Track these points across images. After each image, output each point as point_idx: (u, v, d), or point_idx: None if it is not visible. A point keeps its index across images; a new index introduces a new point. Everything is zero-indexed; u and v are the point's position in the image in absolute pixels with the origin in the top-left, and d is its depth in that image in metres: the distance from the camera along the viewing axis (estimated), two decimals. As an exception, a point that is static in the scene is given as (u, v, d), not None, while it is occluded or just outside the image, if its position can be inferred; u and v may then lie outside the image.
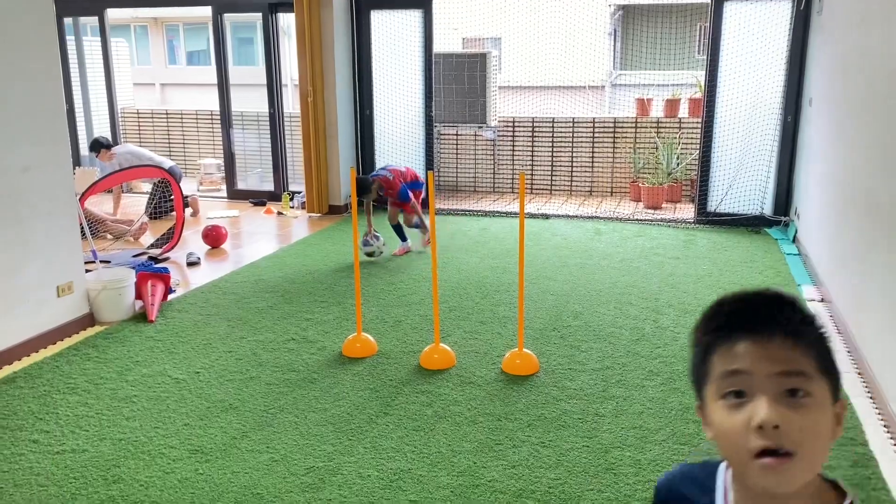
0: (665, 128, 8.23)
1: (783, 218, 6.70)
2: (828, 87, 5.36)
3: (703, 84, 7.00)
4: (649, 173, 8.08)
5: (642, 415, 3.24)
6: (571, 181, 8.59)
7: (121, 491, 2.69)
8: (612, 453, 2.93)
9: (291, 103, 10.85)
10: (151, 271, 4.73)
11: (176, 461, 2.89)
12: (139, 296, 4.60)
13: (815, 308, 4.60)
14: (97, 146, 7.45)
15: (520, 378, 3.62)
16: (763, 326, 0.91)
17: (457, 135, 8.76)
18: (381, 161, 7.76)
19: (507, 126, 8.68)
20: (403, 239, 6.03)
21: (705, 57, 6.78)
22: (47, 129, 4.06)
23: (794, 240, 6.20)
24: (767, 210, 6.79)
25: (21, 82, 3.86)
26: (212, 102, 9.14)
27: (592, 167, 8.50)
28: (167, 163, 7.48)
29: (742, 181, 6.82)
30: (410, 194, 5.79)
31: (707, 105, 6.78)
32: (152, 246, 6.12)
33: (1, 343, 3.80)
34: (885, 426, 3.13)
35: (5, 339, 3.83)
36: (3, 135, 3.78)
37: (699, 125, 7.19)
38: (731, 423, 0.91)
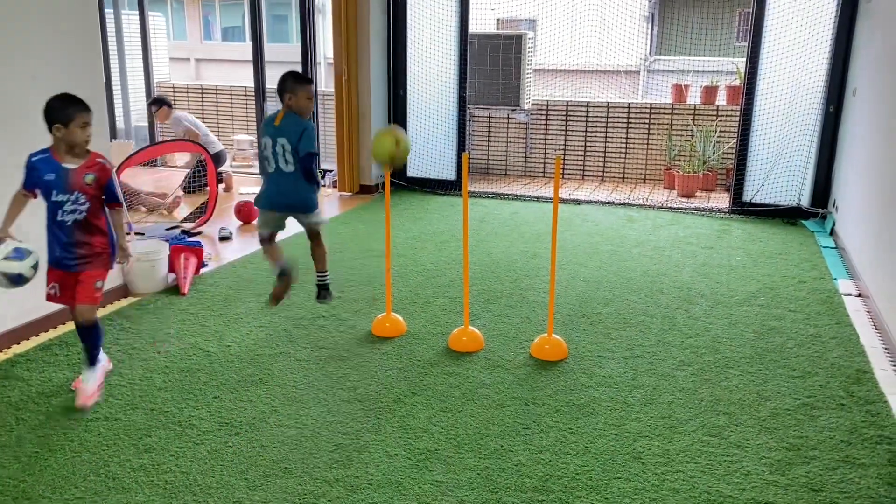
0: (702, 115, 8.09)
1: (821, 210, 6.57)
2: (874, 77, 5.21)
3: (743, 71, 6.85)
4: (684, 161, 7.96)
5: (671, 405, 3.21)
6: (604, 167, 8.50)
7: (151, 460, 2.73)
8: (639, 442, 2.91)
9: (325, 82, 10.85)
10: (185, 245, 4.78)
11: (206, 433, 2.92)
12: (172, 269, 4.65)
13: (851, 303, 4.51)
14: (160, 102, 7.53)
15: (548, 363, 3.60)
16: None
17: (489, 117, 8.70)
18: (413, 141, 7.74)
19: (541, 109, 8.59)
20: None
21: (746, 44, 6.63)
22: (86, 100, 4.08)
23: (832, 233, 6.07)
24: (805, 202, 6.66)
25: (61, 54, 3.89)
26: (246, 79, 9.18)
27: (626, 153, 8.39)
28: (218, 146, 7.55)
29: (780, 171, 6.69)
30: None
31: (746, 93, 6.65)
32: (186, 220, 6.18)
33: (37, 311, 3.87)
34: (921, 425, 3.07)
35: (42, 307, 3.90)
36: (43, 105, 3.82)
37: (737, 113, 7.05)
38: None
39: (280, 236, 4.07)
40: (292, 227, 4.04)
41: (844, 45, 6.23)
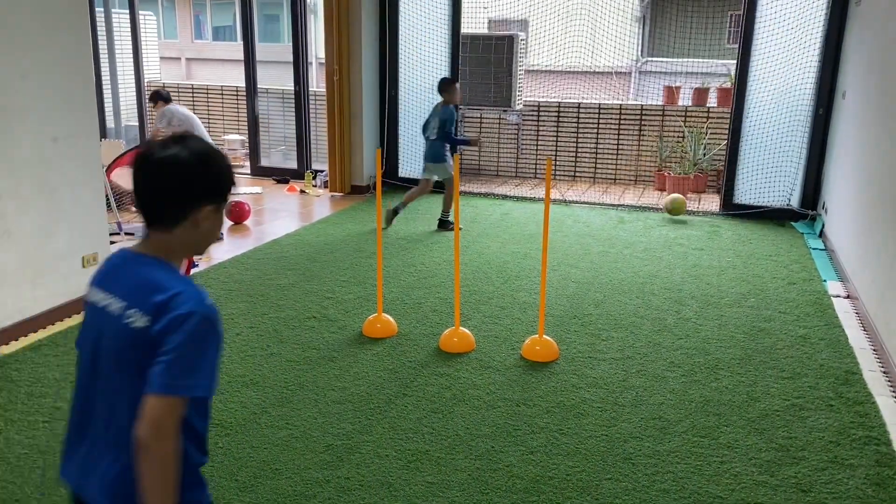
0: (693, 117, 8.13)
1: (810, 212, 6.61)
2: (863, 80, 5.25)
3: (733, 74, 6.89)
4: (675, 162, 8.00)
5: (662, 406, 3.22)
6: (596, 168, 8.52)
7: (142, 461, 2.72)
8: (630, 443, 2.91)
9: (317, 82, 10.84)
10: (175, 245, 4.75)
11: (196, 434, 2.91)
12: (162, 269, 4.63)
13: (840, 304, 4.54)
14: (157, 97, 7.52)
15: (539, 364, 3.61)
16: None
17: (481, 118, 8.71)
18: (404, 142, 7.74)
19: (532, 110, 8.61)
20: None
21: (737, 46, 6.67)
22: (76, 100, 4.08)
23: (821, 234, 6.11)
24: (795, 203, 6.70)
25: (51, 53, 3.88)
26: (237, 78, 9.16)
27: (617, 154, 8.42)
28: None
29: (770, 174, 6.72)
30: None
31: (737, 95, 6.68)
32: (176, 220, 6.15)
33: (27, 311, 3.85)
34: (909, 426, 3.09)
35: (32, 307, 3.88)
36: (33, 105, 3.80)
37: (728, 115, 7.09)
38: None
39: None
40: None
41: (834, 49, 6.27)
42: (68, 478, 1.46)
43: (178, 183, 1.39)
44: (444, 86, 6.08)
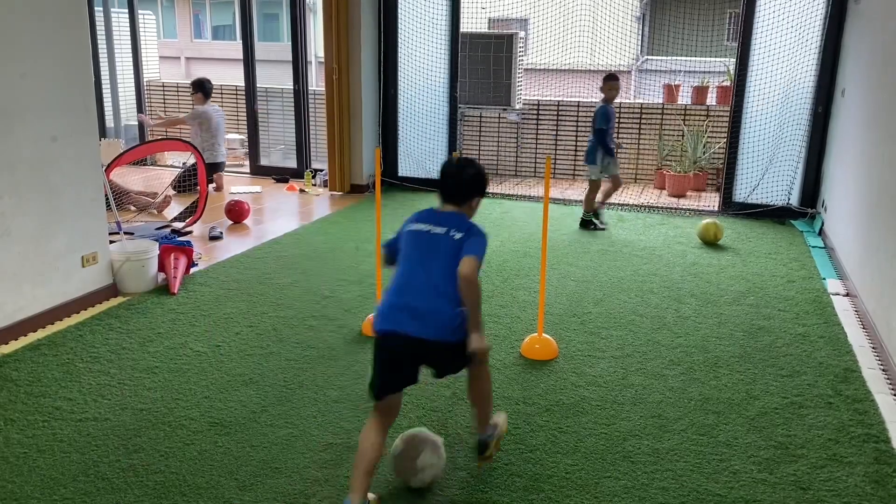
0: (692, 115, 8.13)
1: (810, 210, 6.61)
2: (863, 77, 5.25)
3: (733, 72, 6.89)
4: (675, 161, 8.00)
5: (661, 404, 3.22)
6: (595, 167, 8.51)
7: (141, 460, 2.73)
8: (629, 441, 2.92)
9: (316, 81, 10.83)
10: (174, 244, 4.76)
11: (196, 433, 2.92)
12: (162, 268, 4.64)
13: (840, 302, 4.55)
14: (201, 87, 7.53)
15: (538, 363, 3.61)
16: None
17: (480, 117, 8.71)
18: (404, 141, 7.74)
19: (532, 109, 8.61)
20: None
21: (736, 44, 6.67)
22: (75, 99, 4.08)
23: (820, 232, 6.11)
24: (794, 201, 6.70)
25: (50, 52, 3.88)
26: (236, 77, 9.16)
27: (617, 153, 8.40)
28: (220, 157, 7.56)
29: (770, 172, 6.72)
30: None
31: (736, 93, 6.68)
32: (176, 219, 6.16)
33: (27, 310, 3.86)
34: (908, 424, 3.10)
35: (31, 307, 3.89)
36: (32, 104, 3.81)
37: (727, 113, 7.09)
38: None
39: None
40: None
41: (833, 46, 6.27)
42: (398, 327, 2.37)
43: (472, 185, 2.64)
44: (603, 81, 6.07)
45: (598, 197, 6.28)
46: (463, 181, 2.61)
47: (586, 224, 6.25)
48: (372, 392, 2.45)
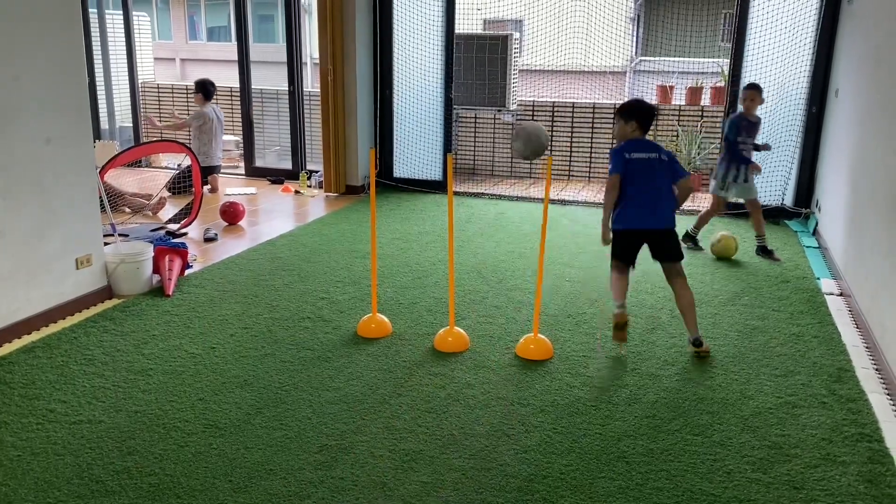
0: (686, 116, 8.15)
1: (804, 210, 6.63)
2: (856, 78, 5.27)
3: (727, 72, 6.90)
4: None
5: (656, 404, 3.23)
6: (590, 167, 8.53)
7: (135, 462, 2.72)
8: (624, 441, 2.92)
9: (311, 82, 10.83)
10: (169, 246, 4.76)
11: (190, 435, 2.91)
12: (157, 270, 4.63)
13: (833, 302, 4.56)
14: (203, 88, 7.51)
15: (534, 363, 3.61)
16: None
17: (475, 118, 8.72)
18: (398, 142, 7.74)
19: (527, 110, 8.62)
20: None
21: (730, 45, 6.68)
22: (69, 101, 4.07)
23: (814, 232, 6.13)
24: (788, 202, 6.72)
25: (44, 54, 3.87)
26: (231, 79, 9.15)
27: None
28: (216, 160, 7.55)
29: (764, 172, 6.73)
30: None
31: (730, 94, 6.69)
32: (170, 221, 6.15)
33: (21, 312, 3.85)
34: (901, 423, 3.11)
35: (25, 309, 3.88)
36: (26, 106, 3.80)
37: (722, 114, 7.10)
38: None
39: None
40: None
41: (827, 47, 6.29)
42: (643, 224, 3.76)
43: (653, 116, 3.89)
44: (748, 92, 5.46)
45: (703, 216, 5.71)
46: (654, 114, 3.94)
47: (686, 238, 5.67)
48: (620, 261, 3.87)
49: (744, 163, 5.42)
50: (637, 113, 3.79)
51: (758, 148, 5.53)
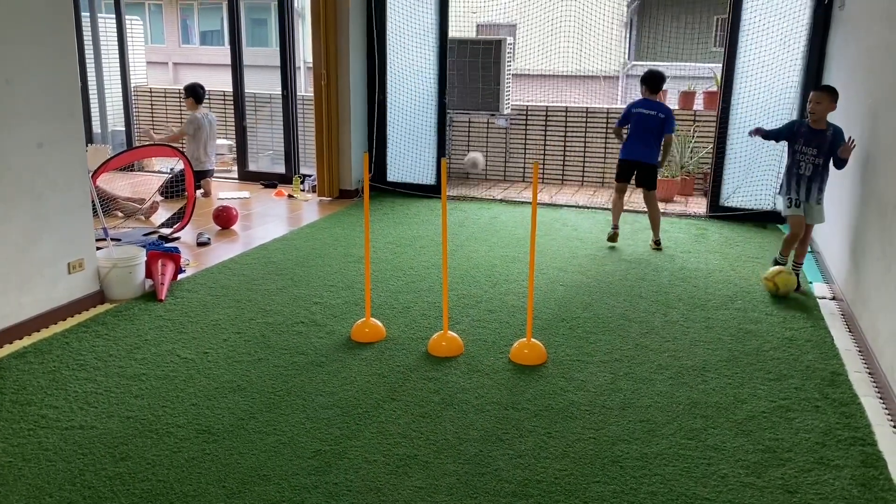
0: (679, 120, 8.16)
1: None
2: (847, 82, 5.29)
3: (719, 77, 6.93)
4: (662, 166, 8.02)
5: (649, 408, 3.23)
6: (584, 171, 8.55)
7: (128, 468, 2.71)
8: (618, 446, 2.92)
9: (304, 86, 10.82)
10: (162, 250, 4.74)
11: (183, 440, 2.90)
12: (149, 274, 4.61)
13: (826, 306, 4.58)
14: (193, 92, 7.48)
15: (527, 368, 3.61)
16: None
17: (469, 122, 8.72)
18: (392, 146, 7.74)
19: (520, 114, 8.63)
20: None
21: (723, 50, 6.71)
22: (61, 105, 4.05)
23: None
24: (780, 206, 6.73)
25: (36, 58, 3.85)
26: (224, 83, 9.13)
27: (605, 158, 8.45)
28: (209, 164, 7.52)
29: (756, 176, 6.76)
30: None
31: (723, 98, 6.72)
32: (163, 225, 6.13)
33: (12, 317, 3.83)
34: (894, 427, 3.12)
35: (17, 314, 3.85)
36: (18, 110, 3.78)
37: (714, 118, 7.13)
38: None
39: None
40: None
41: (818, 52, 6.32)
42: (633, 156, 5.77)
43: (661, 81, 5.81)
44: (813, 94, 4.70)
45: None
46: (662, 79, 5.75)
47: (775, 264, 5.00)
48: (618, 181, 5.87)
49: (799, 175, 4.69)
50: (645, 80, 5.73)
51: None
